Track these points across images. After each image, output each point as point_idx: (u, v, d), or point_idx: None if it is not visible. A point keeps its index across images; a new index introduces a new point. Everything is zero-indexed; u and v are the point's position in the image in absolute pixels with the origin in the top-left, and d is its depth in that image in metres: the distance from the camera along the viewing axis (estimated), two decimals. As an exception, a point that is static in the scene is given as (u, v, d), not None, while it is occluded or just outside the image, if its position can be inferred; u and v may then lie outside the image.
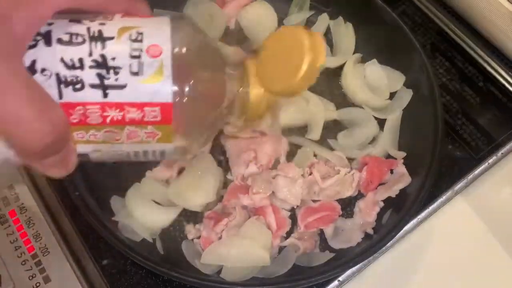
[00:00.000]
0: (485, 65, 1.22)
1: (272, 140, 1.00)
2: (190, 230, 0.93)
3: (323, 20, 1.19)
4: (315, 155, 1.02)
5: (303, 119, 1.06)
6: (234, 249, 0.87)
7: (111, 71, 0.52)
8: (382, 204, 0.97)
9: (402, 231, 0.92)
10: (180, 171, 0.98)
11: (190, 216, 0.95)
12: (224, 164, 1.00)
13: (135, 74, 0.52)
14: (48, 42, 0.51)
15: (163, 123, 0.55)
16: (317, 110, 1.04)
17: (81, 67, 0.51)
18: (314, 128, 1.04)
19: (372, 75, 1.11)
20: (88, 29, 0.53)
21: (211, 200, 0.94)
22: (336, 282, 0.92)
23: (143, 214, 0.91)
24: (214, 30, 1.15)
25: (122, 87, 0.52)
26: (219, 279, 0.86)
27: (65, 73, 0.51)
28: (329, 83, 1.13)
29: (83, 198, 0.88)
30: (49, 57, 0.51)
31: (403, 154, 1.01)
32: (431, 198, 1.01)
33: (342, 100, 1.11)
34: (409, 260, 0.99)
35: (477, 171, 1.06)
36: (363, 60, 1.15)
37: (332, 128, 1.07)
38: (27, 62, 0.49)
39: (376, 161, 0.99)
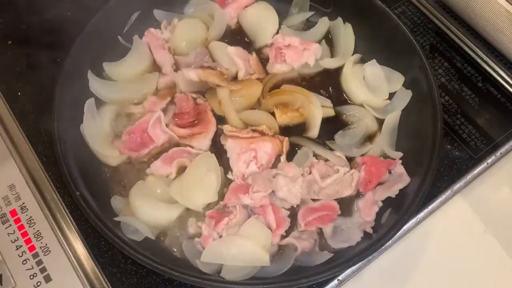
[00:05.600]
0: (484, 65, 1.22)
1: (272, 139, 1.00)
2: (192, 225, 0.93)
3: (323, 22, 1.20)
4: (315, 155, 1.02)
5: (302, 117, 1.07)
6: (234, 248, 0.87)
7: None
8: (381, 203, 0.97)
9: (401, 230, 0.93)
10: (180, 169, 0.99)
11: (192, 211, 0.96)
12: (224, 164, 1.00)
13: None
14: None
15: None
16: (315, 108, 1.05)
17: None
18: (312, 126, 1.05)
19: (372, 75, 1.12)
20: None
21: (213, 201, 0.94)
22: (335, 281, 0.93)
23: (146, 212, 0.92)
24: (215, 30, 1.16)
25: None
26: (219, 278, 0.86)
27: None
28: (328, 84, 1.14)
29: (84, 198, 0.88)
30: None
31: (400, 154, 1.02)
32: (430, 198, 1.02)
33: (341, 100, 1.12)
34: (408, 259, 0.99)
35: (476, 171, 1.07)
36: (363, 61, 1.15)
37: (331, 128, 1.07)
38: None
39: (374, 160, 1.00)
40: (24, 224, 0.92)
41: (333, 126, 1.07)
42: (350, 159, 1.03)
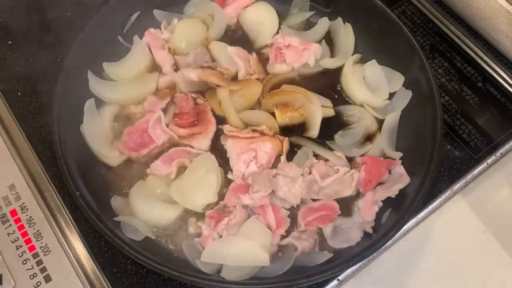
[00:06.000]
0: (484, 65, 1.22)
1: (272, 139, 1.00)
2: (192, 225, 0.94)
3: (323, 22, 1.20)
4: (315, 155, 1.02)
5: (302, 117, 1.07)
6: (234, 248, 0.87)
7: None
8: (381, 203, 0.97)
9: (401, 230, 0.93)
10: (180, 169, 0.99)
11: (192, 211, 0.96)
12: (224, 164, 1.00)
13: None
14: None
15: None
16: (315, 108, 1.05)
17: None
18: (312, 126, 1.05)
19: (372, 75, 1.12)
20: None
21: (213, 201, 0.94)
22: (335, 281, 0.93)
23: (146, 212, 0.92)
24: (215, 30, 1.16)
25: None
26: (219, 278, 0.86)
27: None
28: (328, 84, 1.14)
29: (84, 198, 0.88)
30: None
31: (399, 154, 1.02)
32: (430, 198, 1.02)
33: (341, 100, 1.12)
34: (408, 259, 0.99)
35: (476, 171, 1.07)
36: (363, 61, 1.15)
37: (331, 128, 1.07)
38: None
39: (374, 160, 1.00)
40: (24, 224, 0.92)
41: (333, 126, 1.07)
42: (350, 159, 1.03)
